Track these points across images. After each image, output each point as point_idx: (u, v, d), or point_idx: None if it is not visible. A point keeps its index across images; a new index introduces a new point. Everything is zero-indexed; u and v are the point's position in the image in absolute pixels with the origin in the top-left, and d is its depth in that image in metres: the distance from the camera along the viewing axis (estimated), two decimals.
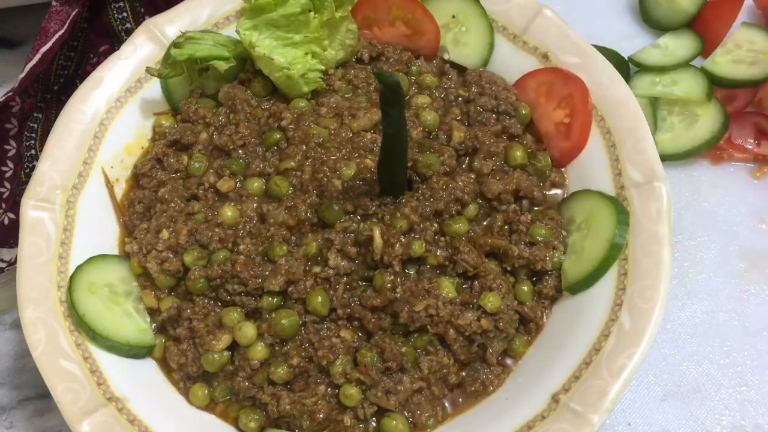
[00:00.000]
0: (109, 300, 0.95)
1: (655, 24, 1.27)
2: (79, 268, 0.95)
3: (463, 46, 1.09)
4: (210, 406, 0.94)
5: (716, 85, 1.17)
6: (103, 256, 0.98)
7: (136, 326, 0.95)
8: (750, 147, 1.16)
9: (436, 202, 0.94)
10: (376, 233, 0.91)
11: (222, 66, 1.05)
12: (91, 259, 0.96)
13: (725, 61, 1.18)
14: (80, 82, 1.06)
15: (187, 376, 0.94)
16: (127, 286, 0.98)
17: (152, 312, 0.98)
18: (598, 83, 1.00)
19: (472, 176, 0.98)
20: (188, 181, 1.01)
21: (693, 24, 1.25)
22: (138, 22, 1.15)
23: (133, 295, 0.98)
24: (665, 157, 1.11)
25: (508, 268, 0.95)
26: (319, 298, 0.91)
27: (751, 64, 1.17)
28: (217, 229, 0.95)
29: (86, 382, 0.90)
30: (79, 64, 1.23)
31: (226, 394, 0.93)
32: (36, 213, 0.97)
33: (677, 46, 1.23)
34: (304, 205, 0.94)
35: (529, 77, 1.05)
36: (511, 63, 1.07)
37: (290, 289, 0.92)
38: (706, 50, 1.23)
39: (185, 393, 0.95)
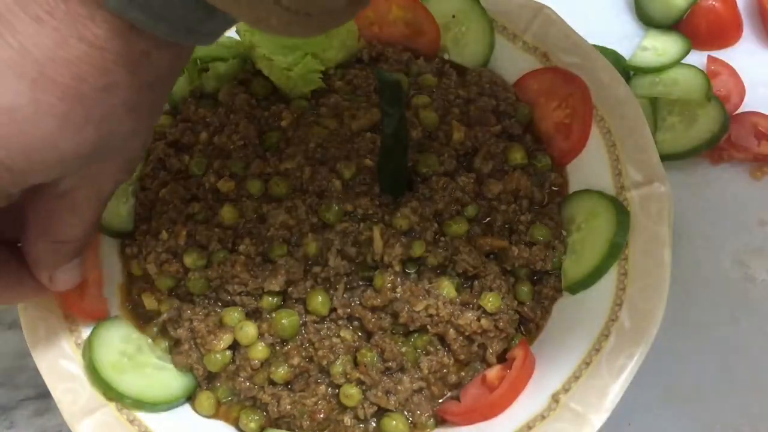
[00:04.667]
0: (136, 367, 0.91)
1: (649, 21, 1.27)
2: (92, 358, 0.89)
3: (463, 46, 1.09)
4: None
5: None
6: (93, 334, 0.91)
7: (174, 374, 0.93)
8: (750, 147, 1.16)
9: (436, 203, 0.94)
10: (376, 233, 0.91)
11: (222, 67, 1.05)
12: (90, 344, 0.90)
13: None
14: None
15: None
16: (134, 343, 0.93)
17: (152, 313, 0.98)
18: (598, 83, 1.00)
19: (472, 176, 0.98)
20: (188, 182, 1.01)
21: (680, 23, 1.26)
22: None
23: (145, 347, 0.94)
24: (665, 157, 1.11)
25: (508, 268, 0.95)
26: (320, 298, 0.91)
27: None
28: (216, 230, 0.95)
29: (86, 382, 0.90)
30: None
31: (228, 395, 0.93)
32: None
33: (665, 45, 1.23)
34: (304, 205, 0.95)
35: (529, 77, 1.05)
36: (511, 63, 1.07)
37: (290, 289, 0.92)
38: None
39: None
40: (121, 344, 0.93)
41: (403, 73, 1.07)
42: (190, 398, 0.94)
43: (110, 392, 0.88)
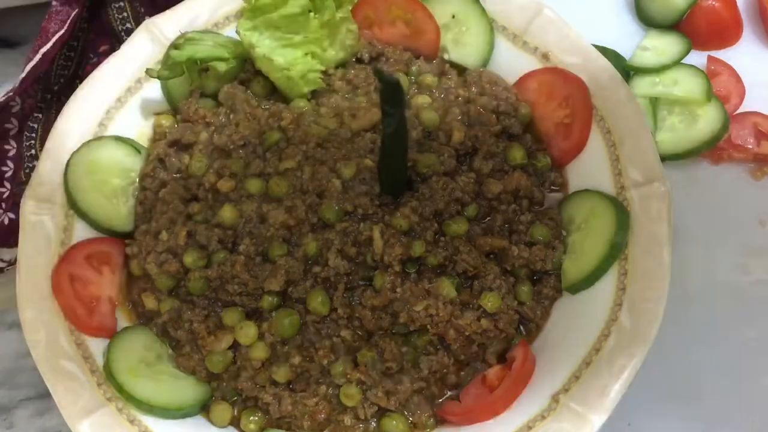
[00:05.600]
0: (152, 373, 0.93)
1: (649, 21, 1.27)
2: (109, 359, 0.91)
3: (463, 46, 1.09)
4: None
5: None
6: (116, 336, 0.95)
7: (191, 383, 0.94)
8: (750, 147, 1.15)
9: (436, 202, 0.94)
10: (376, 233, 0.91)
11: (222, 66, 1.05)
12: (110, 347, 0.93)
13: None
14: (80, 82, 1.06)
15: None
16: (155, 351, 0.95)
17: (152, 313, 0.98)
18: (598, 83, 1.00)
19: (472, 176, 0.98)
20: (188, 182, 1.01)
21: (680, 23, 1.26)
22: (138, 22, 1.15)
23: (164, 356, 0.95)
24: (665, 157, 1.11)
25: (508, 268, 0.95)
26: (320, 298, 0.91)
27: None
28: (216, 230, 0.95)
29: (86, 382, 0.90)
30: (79, 64, 1.23)
31: (232, 395, 0.93)
32: (36, 213, 0.97)
33: (665, 45, 1.23)
34: (304, 205, 0.95)
35: (529, 77, 1.05)
36: (511, 63, 1.07)
37: (290, 289, 0.92)
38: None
39: None
40: (143, 351, 0.94)
41: (403, 73, 1.08)
42: (204, 409, 0.94)
43: (123, 393, 0.89)
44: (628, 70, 1.21)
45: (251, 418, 0.91)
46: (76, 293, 0.94)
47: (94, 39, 1.23)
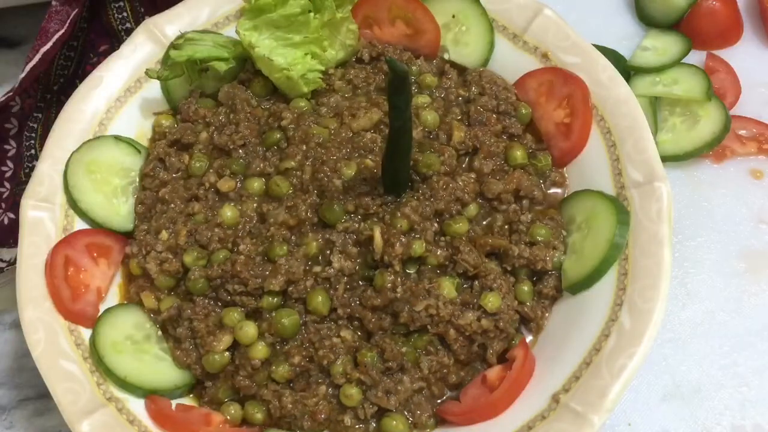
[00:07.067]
0: (136, 352, 0.93)
1: (649, 21, 1.27)
2: (95, 331, 0.93)
3: (463, 46, 1.09)
4: (214, 407, 0.94)
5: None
6: (108, 311, 0.96)
7: (172, 368, 0.94)
8: (753, 138, 1.16)
9: (436, 202, 0.94)
10: (377, 233, 0.91)
11: (221, 67, 1.05)
12: (100, 320, 0.94)
13: None
14: (80, 82, 1.06)
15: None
16: (144, 331, 0.96)
17: (152, 312, 0.98)
18: (598, 83, 1.00)
19: (473, 176, 0.98)
20: (189, 182, 1.01)
21: (681, 23, 1.26)
22: (138, 22, 1.15)
23: (153, 337, 0.96)
24: (666, 158, 1.11)
25: (509, 268, 0.95)
26: (320, 298, 0.91)
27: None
28: (216, 230, 0.95)
29: (86, 382, 0.90)
30: (79, 64, 1.23)
31: (230, 395, 0.93)
32: (36, 213, 0.97)
33: (666, 44, 1.23)
34: (305, 204, 0.95)
35: (529, 77, 1.05)
36: (511, 63, 1.07)
37: (290, 288, 0.92)
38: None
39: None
40: (132, 329, 0.95)
41: None
42: (181, 395, 0.94)
43: (101, 366, 0.91)
44: (628, 70, 1.21)
45: (257, 408, 0.91)
46: (67, 276, 0.94)
47: (93, 39, 1.23)
